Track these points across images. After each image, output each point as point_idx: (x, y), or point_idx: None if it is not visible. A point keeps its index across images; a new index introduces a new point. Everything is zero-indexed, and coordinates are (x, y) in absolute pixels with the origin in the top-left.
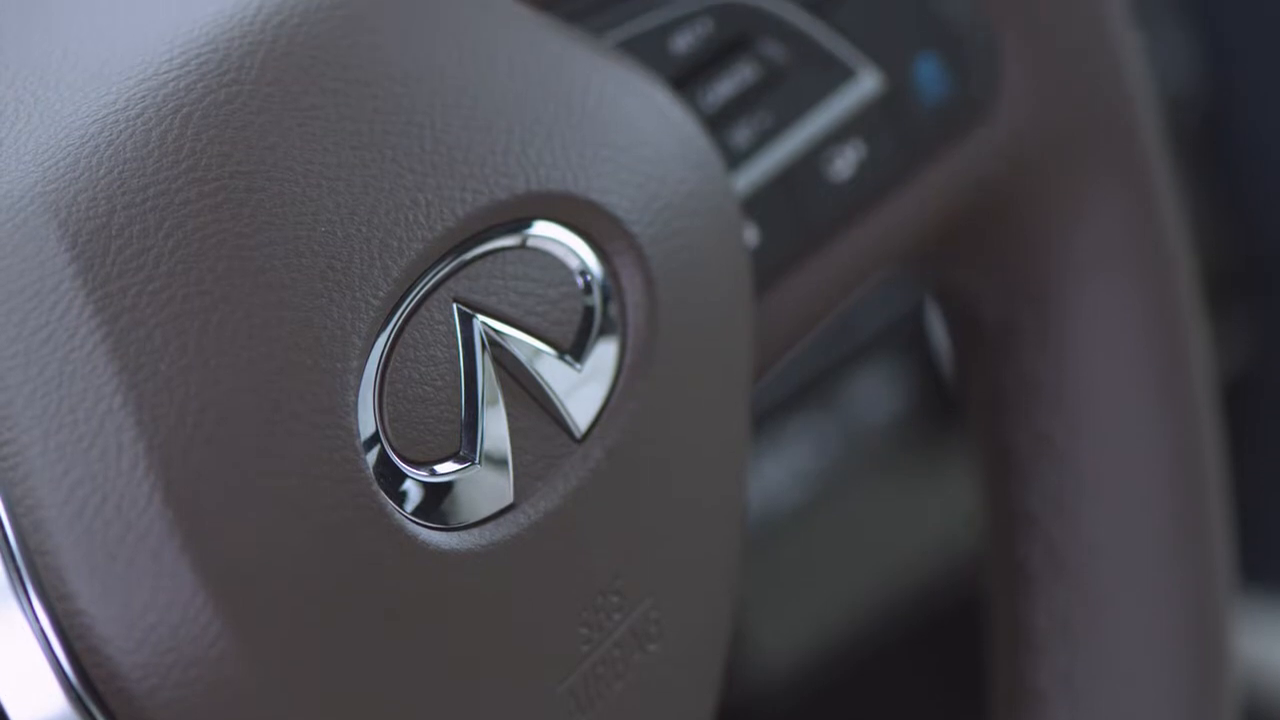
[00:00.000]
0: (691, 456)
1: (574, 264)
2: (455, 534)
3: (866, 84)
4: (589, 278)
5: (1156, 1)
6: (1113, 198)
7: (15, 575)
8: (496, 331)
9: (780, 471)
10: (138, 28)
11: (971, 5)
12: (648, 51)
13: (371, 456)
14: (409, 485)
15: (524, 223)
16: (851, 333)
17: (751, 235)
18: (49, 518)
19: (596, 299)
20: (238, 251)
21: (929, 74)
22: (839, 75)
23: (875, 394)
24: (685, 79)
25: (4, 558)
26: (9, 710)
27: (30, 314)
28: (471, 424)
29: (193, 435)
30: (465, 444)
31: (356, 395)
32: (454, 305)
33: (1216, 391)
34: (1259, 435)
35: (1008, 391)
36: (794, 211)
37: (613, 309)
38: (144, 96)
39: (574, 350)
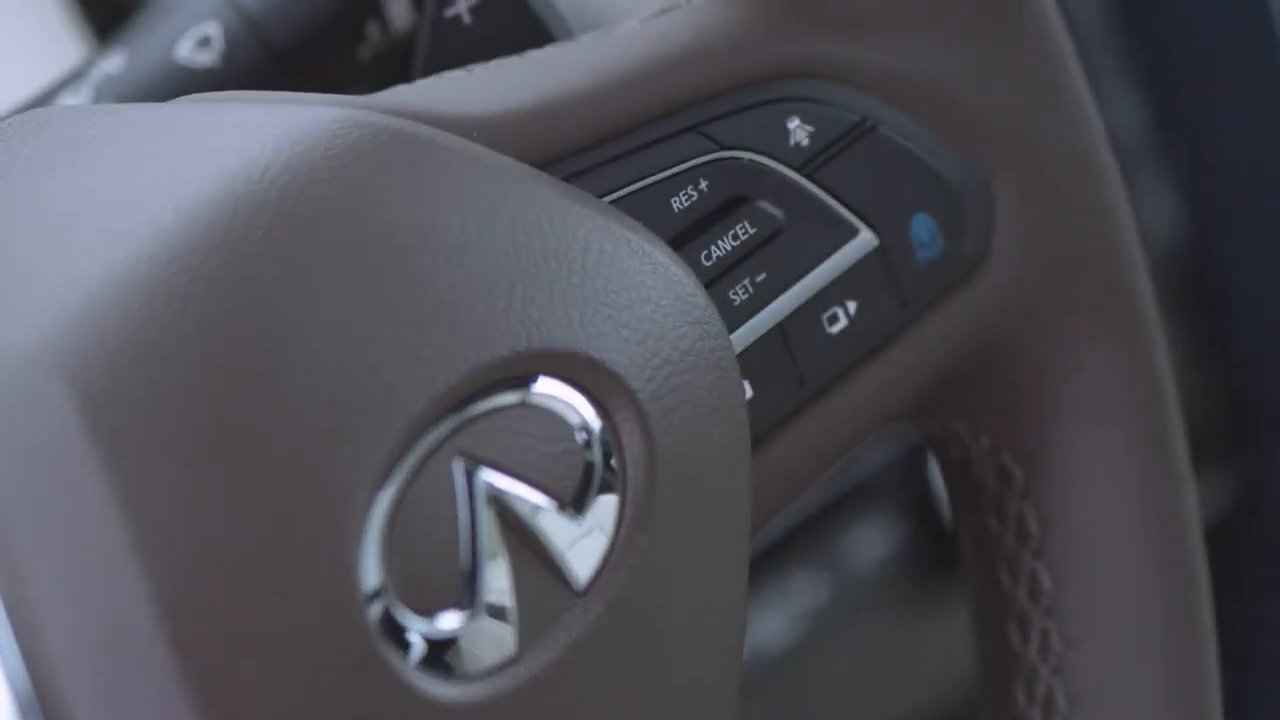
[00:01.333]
0: (691, 609)
1: (575, 420)
2: (458, 686)
3: (862, 242)
4: (589, 434)
5: (1140, 157)
6: (1106, 351)
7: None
8: (498, 487)
9: (775, 614)
10: (145, 189)
11: (966, 162)
12: (647, 209)
13: (374, 609)
14: (412, 637)
15: (525, 379)
16: (850, 474)
17: (745, 389)
18: (60, 665)
19: (597, 454)
20: (243, 409)
21: (923, 233)
22: (836, 233)
23: (873, 536)
24: (684, 236)
25: (16, 702)
26: None
27: (39, 471)
28: (474, 577)
29: (200, 590)
30: (468, 597)
31: (360, 550)
32: (456, 460)
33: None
34: (1236, 587)
35: (1001, 539)
36: (790, 367)
37: (613, 464)
38: (151, 256)
39: (575, 504)
